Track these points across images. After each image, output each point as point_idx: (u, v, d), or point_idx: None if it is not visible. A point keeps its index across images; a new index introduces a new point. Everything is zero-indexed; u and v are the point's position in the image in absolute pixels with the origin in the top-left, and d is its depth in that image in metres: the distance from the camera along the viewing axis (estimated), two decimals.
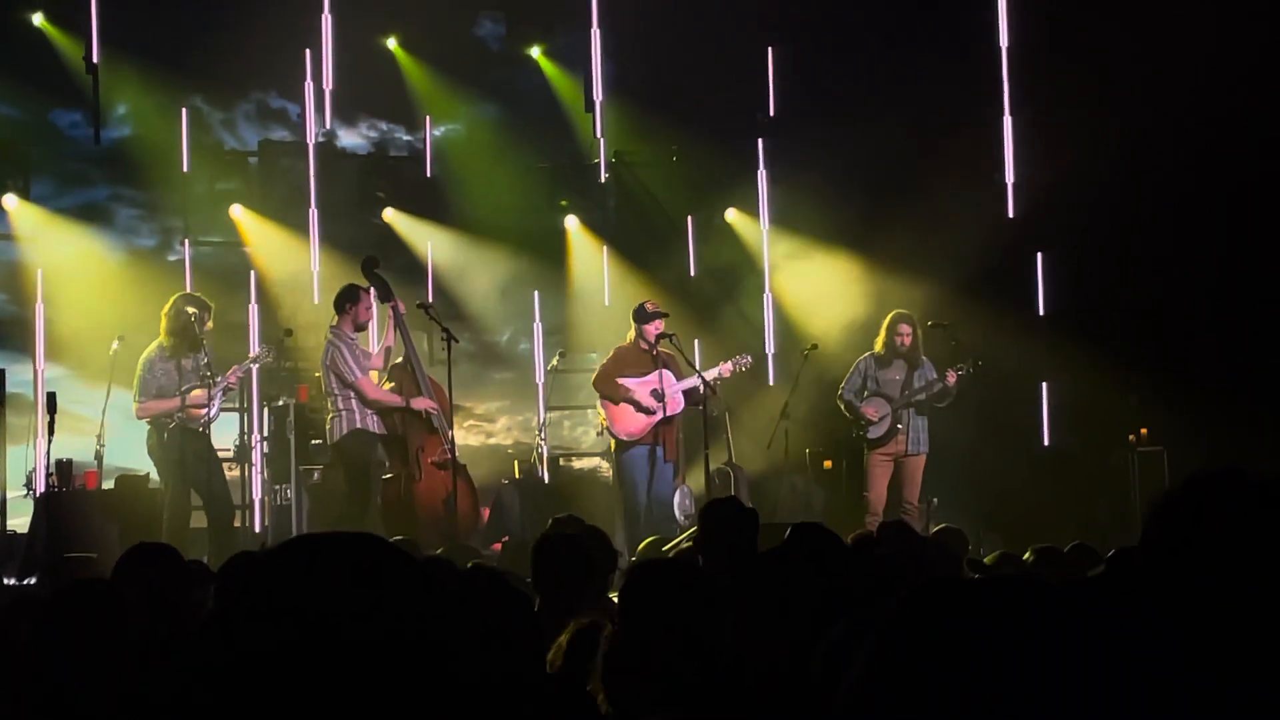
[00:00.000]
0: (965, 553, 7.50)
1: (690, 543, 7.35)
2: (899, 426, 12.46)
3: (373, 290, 11.71)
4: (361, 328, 11.70)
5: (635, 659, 3.55)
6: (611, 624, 4.44)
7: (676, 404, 12.19)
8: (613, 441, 12.35)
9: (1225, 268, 13.96)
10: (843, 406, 12.67)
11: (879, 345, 12.61)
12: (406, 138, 17.14)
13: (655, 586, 3.74)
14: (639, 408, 12.11)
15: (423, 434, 11.47)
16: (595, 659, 3.95)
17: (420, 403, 11.44)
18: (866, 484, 12.51)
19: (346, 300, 11.59)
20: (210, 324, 11.75)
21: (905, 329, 12.49)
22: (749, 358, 12.77)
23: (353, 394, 11.35)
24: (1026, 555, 6.61)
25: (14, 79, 15.03)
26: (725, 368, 12.42)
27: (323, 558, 1.68)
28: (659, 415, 12.07)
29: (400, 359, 11.75)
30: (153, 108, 15.30)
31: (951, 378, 12.43)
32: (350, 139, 16.88)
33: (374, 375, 11.64)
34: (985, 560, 7.12)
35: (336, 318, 11.61)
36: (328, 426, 11.68)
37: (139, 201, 16.08)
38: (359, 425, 11.39)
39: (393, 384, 11.61)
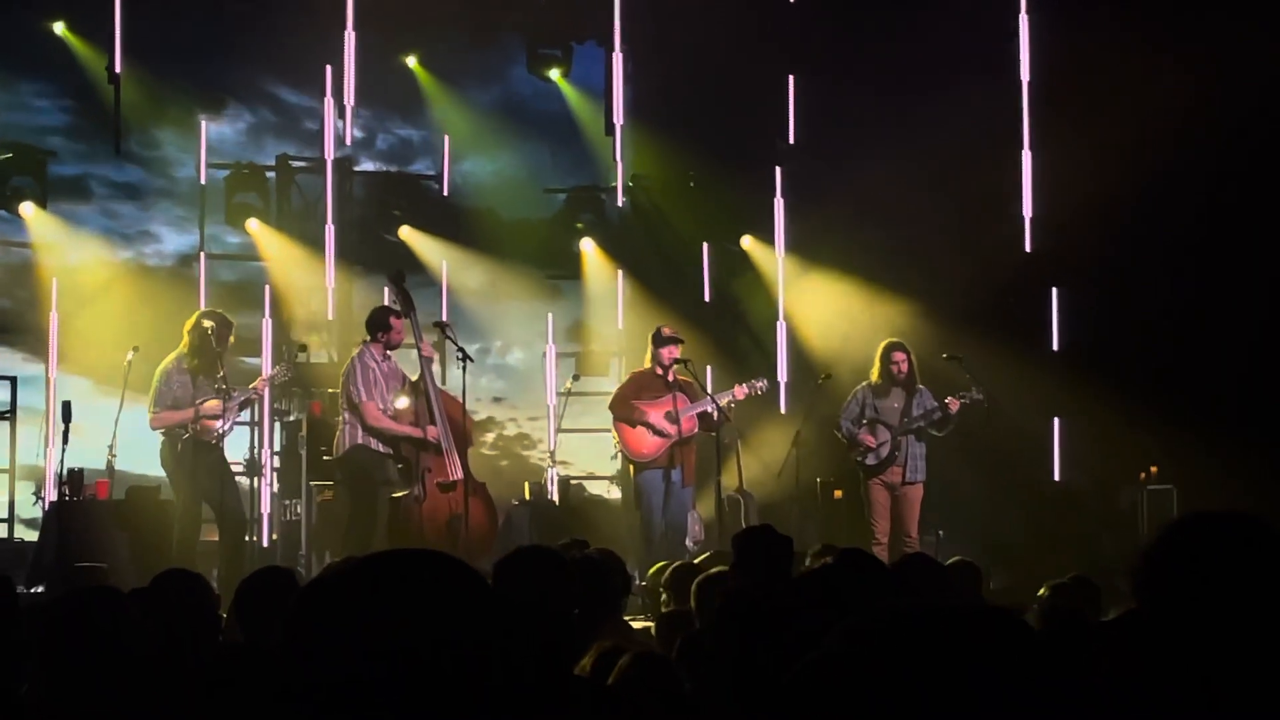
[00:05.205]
0: (979, 587, 7.50)
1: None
2: (896, 454, 12.41)
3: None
4: (394, 347, 11.69)
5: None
6: (629, 647, 4.46)
7: (690, 425, 12.20)
8: (631, 466, 12.36)
9: (1241, 306, 13.94)
10: (840, 434, 12.63)
11: (875, 375, 12.57)
12: (424, 156, 17.19)
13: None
14: (653, 430, 12.13)
15: (430, 456, 11.44)
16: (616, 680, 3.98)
17: (431, 432, 11.41)
18: (870, 513, 12.46)
19: (378, 327, 11.58)
20: (231, 339, 11.78)
21: (899, 356, 12.44)
22: (764, 381, 12.78)
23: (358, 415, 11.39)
24: (1041, 591, 6.61)
25: (31, 85, 15.18)
26: (740, 390, 12.42)
27: (396, 577, 1.68)
28: (672, 436, 12.09)
29: (415, 378, 11.73)
30: (170, 118, 15.37)
31: (954, 405, 12.35)
32: (368, 156, 16.94)
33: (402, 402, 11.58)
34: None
35: (368, 336, 11.63)
36: (335, 438, 11.71)
37: (153, 211, 16.17)
38: (360, 441, 11.40)
39: (407, 403, 11.59)
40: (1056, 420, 15.27)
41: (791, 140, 16.20)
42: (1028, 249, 15.28)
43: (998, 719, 1.65)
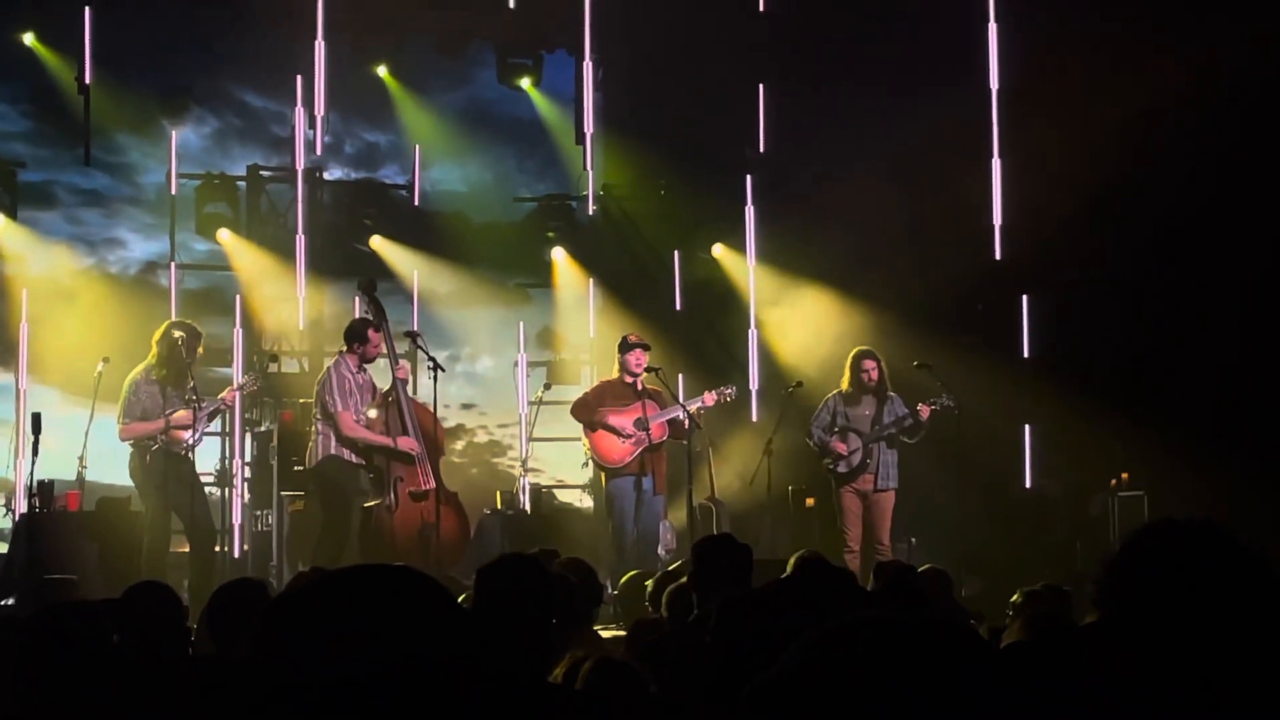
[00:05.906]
0: (950, 594, 7.53)
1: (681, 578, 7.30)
2: (868, 461, 12.44)
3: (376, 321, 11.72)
4: (369, 360, 11.66)
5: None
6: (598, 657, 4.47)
7: (660, 432, 12.19)
8: (603, 474, 12.34)
9: (1212, 312, 13.98)
10: (812, 443, 12.66)
11: (846, 383, 12.61)
12: (392, 161, 17.17)
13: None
14: (621, 435, 12.12)
15: (401, 465, 11.42)
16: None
17: (405, 443, 11.40)
18: (842, 520, 12.48)
19: (355, 338, 11.58)
20: (200, 350, 11.75)
21: (870, 364, 12.49)
22: (733, 388, 12.79)
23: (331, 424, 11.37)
24: (1015, 597, 6.64)
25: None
26: (709, 397, 12.42)
27: (368, 590, 1.68)
28: (642, 441, 12.07)
29: (387, 388, 11.71)
30: (135, 124, 15.33)
31: (925, 411, 12.39)
32: (336, 162, 16.92)
33: (373, 412, 11.55)
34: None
35: (345, 347, 11.62)
36: (308, 448, 11.68)
37: (119, 218, 16.11)
38: (333, 451, 11.38)
39: (378, 413, 11.57)
40: (1027, 427, 15.27)
41: (762, 148, 16.21)
42: (998, 256, 15.30)
43: None
